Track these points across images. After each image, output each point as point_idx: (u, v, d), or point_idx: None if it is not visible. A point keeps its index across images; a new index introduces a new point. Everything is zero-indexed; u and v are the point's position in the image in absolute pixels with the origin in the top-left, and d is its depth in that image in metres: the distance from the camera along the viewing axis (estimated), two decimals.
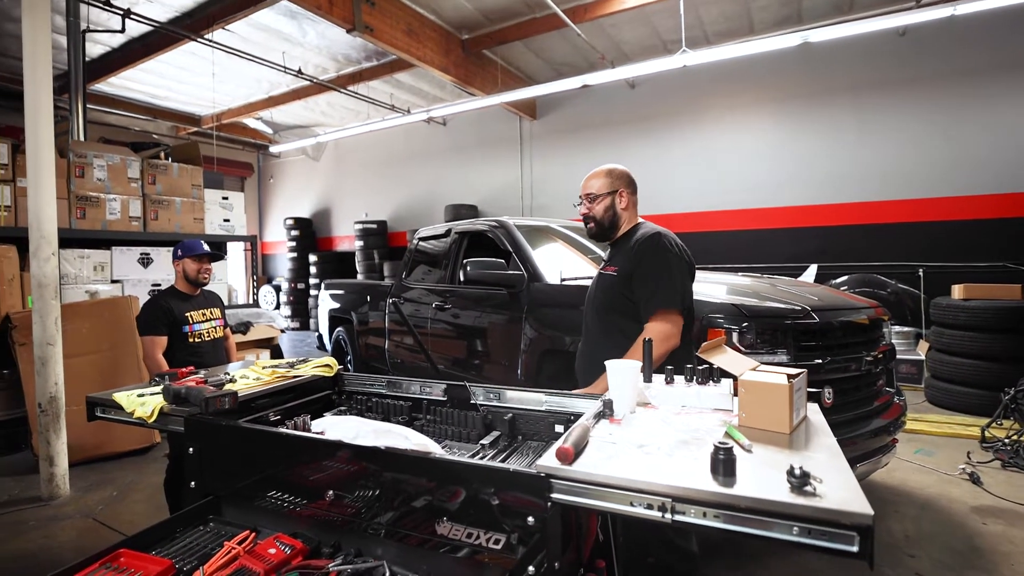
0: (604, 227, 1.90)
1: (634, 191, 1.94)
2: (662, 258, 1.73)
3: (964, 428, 4.00)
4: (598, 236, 1.93)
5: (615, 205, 1.89)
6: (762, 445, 0.89)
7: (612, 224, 1.90)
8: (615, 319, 1.76)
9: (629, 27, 6.40)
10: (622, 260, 1.81)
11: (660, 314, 1.66)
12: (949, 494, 2.97)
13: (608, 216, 1.89)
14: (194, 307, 2.69)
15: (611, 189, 1.89)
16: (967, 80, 5.94)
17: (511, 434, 1.32)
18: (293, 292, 10.80)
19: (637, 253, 1.76)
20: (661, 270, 1.71)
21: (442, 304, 3.74)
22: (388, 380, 1.57)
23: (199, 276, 2.69)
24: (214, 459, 1.19)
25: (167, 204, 4.60)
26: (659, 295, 1.67)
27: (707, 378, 1.15)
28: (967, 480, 3.11)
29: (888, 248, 6.36)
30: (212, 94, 8.17)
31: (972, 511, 2.77)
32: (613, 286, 1.79)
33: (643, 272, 1.72)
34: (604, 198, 1.89)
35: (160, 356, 2.53)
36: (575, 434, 0.85)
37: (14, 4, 5.28)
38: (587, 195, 1.91)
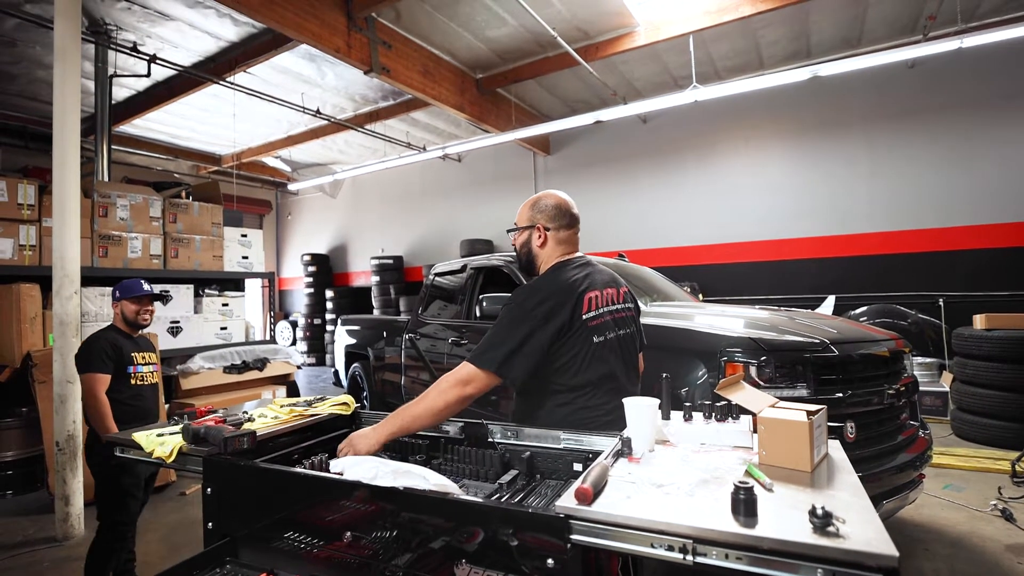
0: (521, 263, 1.68)
1: (562, 226, 1.63)
2: (507, 312, 1.50)
3: (993, 462, 3.89)
4: (521, 271, 1.72)
5: (531, 241, 1.64)
6: (783, 484, 0.88)
7: (528, 261, 1.66)
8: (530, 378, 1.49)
9: (640, 64, 6.60)
10: None
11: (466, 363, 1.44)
12: (981, 532, 2.88)
13: (523, 252, 1.66)
14: (136, 348, 2.56)
15: (528, 223, 1.64)
16: (978, 110, 6.01)
17: (529, 473, 1.31)
18: (310, 327, 10.91)
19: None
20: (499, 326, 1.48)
21: (458, 339, 3.76)
22: None
23: (138, 318, 2.55)
24: (232, 500, 1.19)
25: (187, 242, 4.74)
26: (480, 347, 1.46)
27: (726, 415, 1.14)
28: (999, 517, 3.02)
29: (907, 278, 6.31)
30: (233, 134, 8.52)
31: (1006, 549, 2.68)
32: None
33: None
34: (521, 232, 1.66)
35: (103, 395, 2.34)
36: (594, 474, 0.85)
37: (46, 51, 5.62)
38: (514, 224, 1.69)
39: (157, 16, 5.16)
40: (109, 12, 5.07)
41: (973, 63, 5.87)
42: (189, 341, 4.71)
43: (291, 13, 4.43)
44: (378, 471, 0.92)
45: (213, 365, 4.68)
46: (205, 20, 5.26)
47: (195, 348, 4.70)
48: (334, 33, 4.84)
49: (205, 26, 5.38)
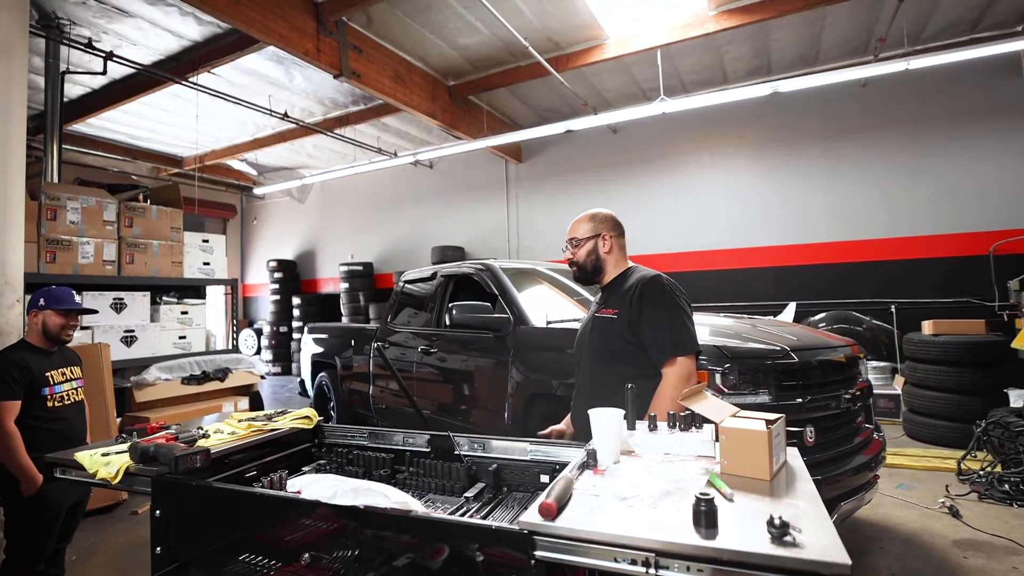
0: (587, 271, 1.88)
1: (620, 234, 1.93)
2: (671, 301, 1.70)
3: (942, 461, 4.08)
4: (583, 280, 1.93)
5: (598, 249, 1.88)
6: (743, 493, 0.90)
7: (595, 268, 1.88)
8: (616, 365, 1.69)
9: (609, 76, 6.71)
10: (620, 303, 1.76)
11: (679, 359, 1.62)
12: (931, 528, 3.01)
13: (591, 260, 1.87)
14: (52, 365, 2.28)
15: (593, 233, 1.89)
16: (925, 128, 6.34)
17: (496, 486, 1.30)
18: (275, 336, 10.60)
19: (641, 297, 1.71)
20: (673, 314, 1.68)
21: (428, 348, 3.71)
22: (370, 431, 1.53)
23: (62, 333, 2.28)
24: (183, 522, 1.13)
25: (144, 247, 4.53)
26: (676, 340, 1.64)
27: (689, 424, 1.16)
28: (947, 514, 3.17)
29: (862, 285, 6.57)
30: (195, 136, 8.23)
31: (953, 545, 2.81)
32: (614, 330, 1.73)
33: (654, 316, 1.67)
34: (586, 242, 1.88)
35: (12, 425, 2.08)
36: (558, 488, 0.85)
37: None
38: (571, 240, 1.91)
39: (114, 12, 4.95)
40: (62, 6, 4.84)
41: (919, 84, 6.21)
42: (145, 351, 4.49)
43: (258, 14, 4.33)
44: (337, 489, 0.89)
45: (171, 376, 4.47)
46: (167, 18, 5.08)
47: (151, 358, 4.49)
48: (303, 36, 4.75)
49: (167, 24, 5.19)
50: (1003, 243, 5.87)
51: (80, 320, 2.46)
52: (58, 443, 2.10)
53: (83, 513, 2.45)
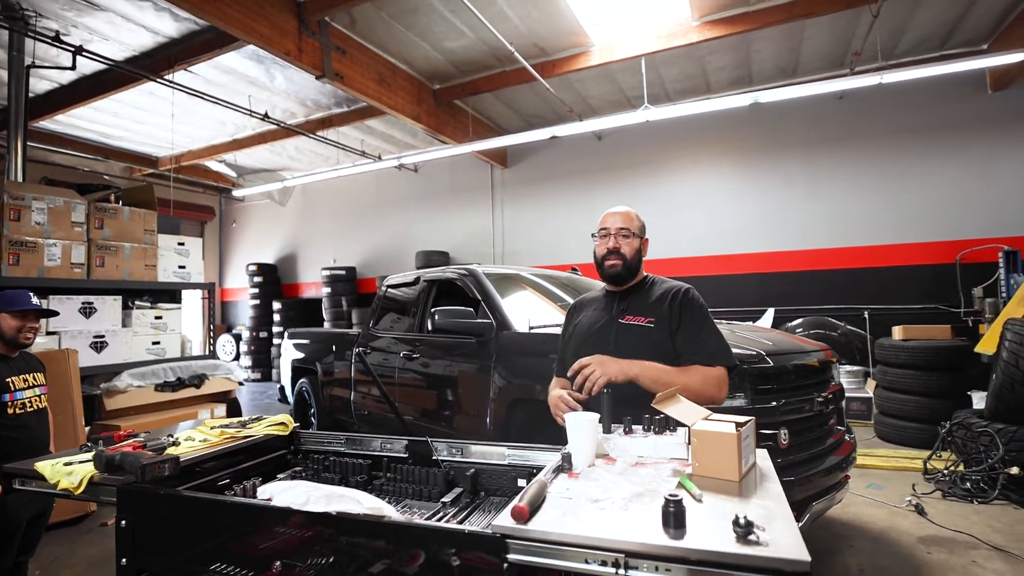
0: (631, 268, 1.74)
1: None
2: (708, 315, 1.70)
3: (909, 461, 4.21)
4: (617, 277, 1.76)
5: (641, 249, 1.79)
6: (713, 494, 0.92)
7: (635, 267, 1.77)
8: None
9: (594, 83, 6.78)
10: (655, 312, 1.69)
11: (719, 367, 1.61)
12: (898, 526, 3.12)
13: (636, 259, 1.76)
14: (14, 371, 2.22)
15: (641, 233, 1.80)
16: (898, 140, 6.56)
17: (473, 490, 1.30)
18: (255, 341, 10.40)
19: (683, 308, 1.67)
20: (710, 326, 1.67)
21: (410, 353, 3.69)
22: (347, 437, 1.52)
23: (20, 336, 2.22)
24: (150, 532, 1.11)
25: (115, 250, 4.41)
26: (716, 350, 1.63)
27: (663, 428, 1.18)
28: (913, 512, 3.28)
29: (837, 292, 6.73)
30: (171, 135, 8.06)
31: (918, 541, 2.92)
32: (653, 340, 1.64)
33: (696, 328, 1.65)
34: (636, 239, 1.76)
35: None
36: (531, 491, 0.86)
37: None
38: (620, 229, 1.74)
39: (84, 5, 4.81)
40: None
41: (893, 98, 6.43)
42: (116, 357, 4.36)
43: (238, 12, 4.26)
44: (310, 496, 0.88)
45: (143, 383, 4.34)
46: (141, 13, 4.97)
47: (123, 364, 4.35)
48: (284, 36, 4.69)
49: (140, 19, 5.08)
50: (969, 252, 6.11)
51: (41, 323, 2.38)
52: (19, 452, 2.04)
53: (46, 525, 2.38)
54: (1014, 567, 2.57)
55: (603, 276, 1.80)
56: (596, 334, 1.74)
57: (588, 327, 1.79)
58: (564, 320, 1.97)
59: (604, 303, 1.82)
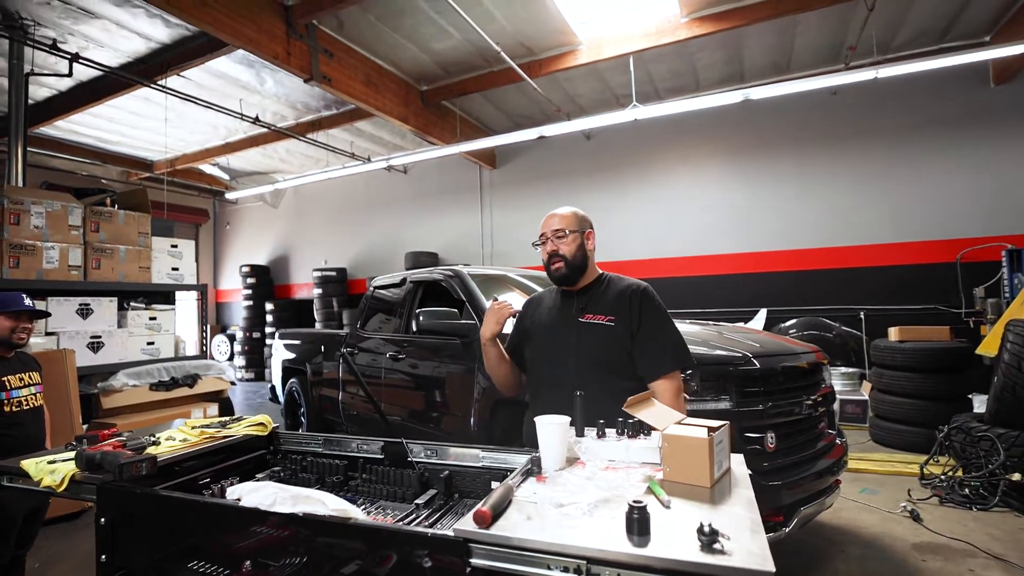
0: (575, 267, 1.74)
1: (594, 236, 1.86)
2: (667, 315, 1.71)
3: (905, 466, 4.11)
4: (564, 279, 1.77)
5: (584, 245, 1.78)
6: (683, 500, 0.91)
7: (582, 265, 1.76)
8: (617, 374, 1.63)
9: (583, 82, 6.71)
10: (614, 310, 1.69)
11: (676, 373, 1.63)
12: (892, 532, 3.05)
13: (579, 256, 1.75)
14: (10, 370, 2.29)
15: (580, 228, 1.78)
16: (893, 137, 6.40)
17: (447, 492, 1.29)
18: (248, 341, 10.39)
19: (642, 306, 1.68)
20: (670, 327, 1.68)
21: (396, 354, 3.68)
22: (324, 438, 1.51)
23: (13, 337, 2.28)
24: (128, 530, 1.12)
25: (111, 252, 4.43)
26: (676, 354, 1.65)
27: (637, 431, 1.17)
28: (908, 518, 3.20)
29: (832, 292, 6.60)
30: (166, 139, 8.07)
31: (913, 548, 2.85)
32: (614, 339, 1.65)
33: (656, 328, 1.65)
34: (575, 236, 1.75)
35: None
36: (495, 496, 0.85)
37: None
38: (555, 231, 1.75)
39: (80, 13, 4.84)
40: (25, 6, 4.71)
41: (889, 93, 6.27)
42: (112, 357, 4.39)
43: (226, 17, 4.27)
44: (277, 497, 0.88)
45: (138, 382, 4.38)
46: (134, 20, 4.98)
47: (118, 364, 4.38)
48: (272, 39, 4.69)
49: (134, 26, 5.08)
50: (970, 251, 5.94)
51: (35, 324, 2.42)
52: (15, 449, 2.08)
53: (42, 520, 2.40)
54: None
55: (553, 280, 1.82)
56: (559, 334, 1.75)
57: (549, 327, 1.79)
58: (519, 314, 1.97)
59: (562, 302, 1.82)
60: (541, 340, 1.79)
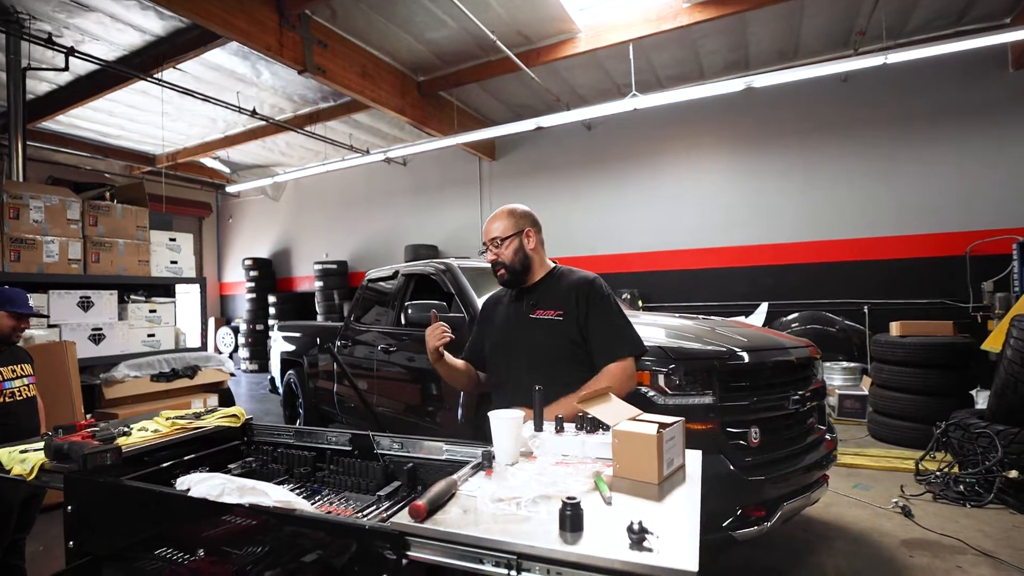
0: (516, 271, 1.76)
1: (539, 230, 1.84)
2: (616, 304, 1.74)
3: (901, 462, 4.07)
4: (511, 283, 1.80)
5: (523, 246, 1.77)
6: (627, 496, 0.91)
7: (524, 267, 1.77)
8: (568, 367, 1.67)
9: (582, 71, 6.58)
10: (563, 305, 1.71)
11: (628, 359, 1.66)
12: (881, 528, 3.02)
13: (518, 259, 1.76)
14: (3, 362, 2.37)
15: (516, 230, 1.76)
16: (903, 127, 6.20)
17: (411, 484, 1.31)
18: (252, 334, 10.51)
19: (588, 298, 1.71)
20: (618, 315, 1.72)
21: (388, 347, 3.70)
22: (296, 430, 1.54)
23: (12, 335, 2.37)
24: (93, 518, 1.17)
25: (109, 246, 4.48)
26: (626, 340, 1.68)
27: (596, 427, 1.17)
28: (899, 513, 3.18)
29: (836, 286, 6.48)
30: (166, 133, 8.12)
31: (901, 544, 2.83)
32: (561, 332, 1.68)
33: (603, 318, 1.69)
34: (511, 240, 1.75)
35: None
36: (435, 489, 0.85)
37: None
38: (492, 240, 1.77)
39: (74, 6, 4.85)
40: (20, 0, 4.74)
41: (900, 80, 6.05)
42: (113, 349, 4.47)
43: (216, 8, 4.25)
44: (225, 487, 0.90)
45: (139, 373, 4.46)
46: (127, 12, 4.98)
47: (120, 356, 4.47)
48: (264, 30, 4.67)
49: (128, 18, 5.09)
50: (980, 243, 5.76)
51: (30, 322, 2.48)
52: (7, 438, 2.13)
53: (39, 506, 2.47)
54: (1002, 573, 2.46)
55: (501, 285, 1.87)
56: (512, 331, 1.80)
57: (504, 324, 1.84)
58: (481, 308, 2.06)
59: (516, 300, 1.86)
60: (497, 338, 1.84)
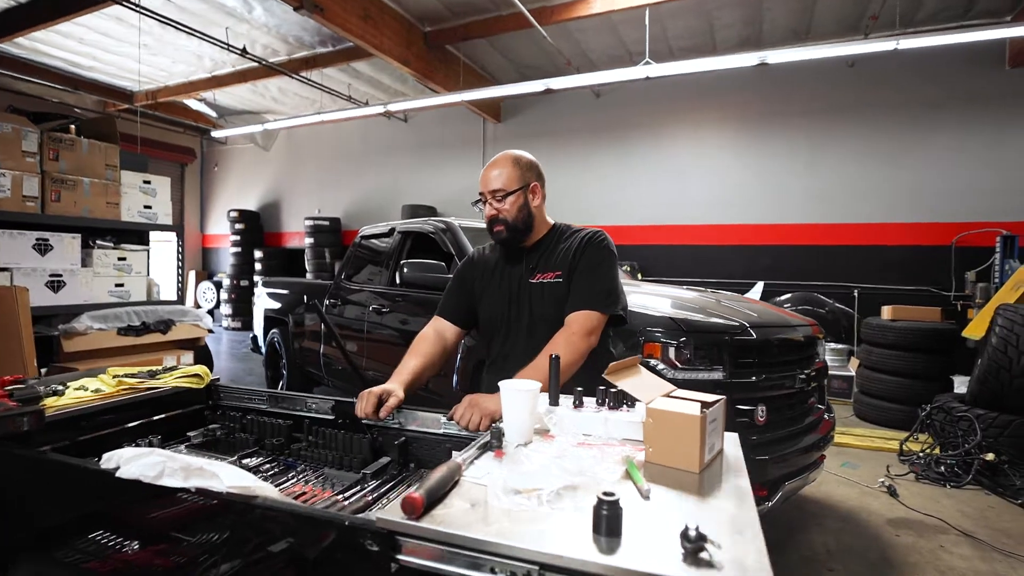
0: (518, 230, 1.53)
1: (544, 183, 1.60)
2: (606, 257, 1.53)
3: (885, 442, 4.16)
4: (510, 242, 1.57)
5: (528, 202, 1.54)
6: (665, 488, 0.75)
7: (527, 226, 1.54)
8: None
9: (595, 34, 6.38)
10: (561, 264, 1.52)
11: (595, 312, 1.44)
12: (869, 507, 3.07)
13: (522, 217, 1.52)
14: None
15: (522, 183, 1.52)
16: (907, 114, 6.32)
17: (402, 461, 1.14)
18: (235, 289, 10.19)
19: (581, 251, 1.51)
20: (608, 268, 1.51)
21: (380, 307, 3.52)
22: (270, 394, 1.34)
23: None
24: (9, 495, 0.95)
25: (73, 184, 4.12)
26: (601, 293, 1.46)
27: (619, 402, 1.01)
28: (885, 493, 3.23)
29: (828, 268, 6.64)
30: (145, 68, 7.58)
31: (887, 523, 2.87)
32: (561, 296, 1.49)
33: (585, 266, 1.49)
34: (517, 195, 1.51)
35: None
36: (435, 477, 0.69)
37: None
38: (493, 192, 1.51)
39: None
40: None
41: (906, 69, 6.16)
42: (74, 298, 4.15)
43: None
44: (165, 467, 0.71)
45: (105, 326, 4.17)
46: None
47: (82, 306, 4.15)
48: None
49: None
50: (966, 235, 6.00)
51: None
52: None
53: None
54: (981, 553, 2.53)
55: (496, 243, 1.63)
56: (511, 298, 1.58)
57: (500, 287, 1.60)
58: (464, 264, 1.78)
59: (511, 263, 1.63)
60: (494, 302, 1.61)
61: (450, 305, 1.69)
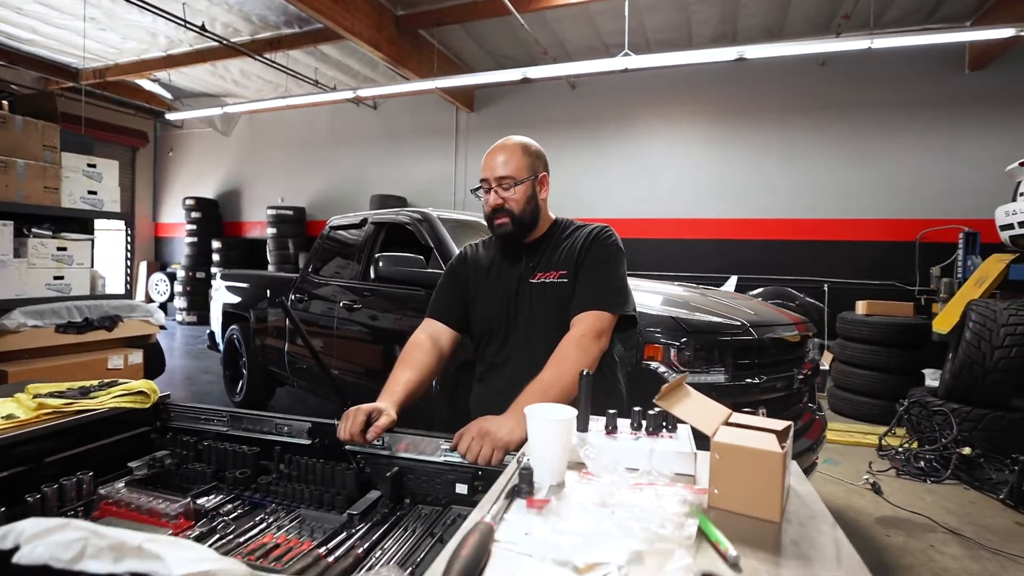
0: (524, 224, 1.39)
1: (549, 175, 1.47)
2: (613, 254, 1.40)
3: (864, 436, 4.21)
4: (511, 236, 1.41)
5: (537, 194, 1.40)
6: (747, 549, 0.60)
7: (533, 220, 1.40)
8: None
9: (572, 24, 6.27)
10: (565, 262, 1.39)
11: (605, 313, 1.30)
12: (856, 505, 3.05)
13: (529, 209, 1.38)
14: None
15: (532, 172, 1.39)
16: (873, 113, 6.51)
17: (395, 496, 0.95)
18: (191, 281, 9.64)
19: (586, 249, 1.39)
20: (616, 267, 1.38)
21: (351, 304, 3.27)
22: (232, 414, 1.12)
23: None
24: None
25: (4, 166, 3.70)
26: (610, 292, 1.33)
27: (658, 426, 0.86)
28: (870, 490, 3.23)
29: (799, 263, 6.79)
30: (90, 43, 6.99)
31: (876, 522, 2.85)
32: (565, 296, 1.36)
33: (592, 264, 1.36)
34: (526, 184, 1.37)
35: None
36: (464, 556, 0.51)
37: None
38: (499, 179, 1.37)
39: None
40: None
41: (873, 70, 6.35)
42: (6, 292, 3.72)
43: None
44: (87, 544, 0.51)
45: (41, 322, 3.76)
46: None
47: (15, 300, 3.74)
48: None
49: None
50: (929, 231, 6.22)
51: None
52: None
53: None
54: (970, 552, 2.53)
55: (496, 237, 1.47)
56: (507, 299, 1.42)
57: (497, 287, 1.44)
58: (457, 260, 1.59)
59: (510, 260, 1.48)
60: (487, 307, 1.45)
61: (443, 306, 1.52)
